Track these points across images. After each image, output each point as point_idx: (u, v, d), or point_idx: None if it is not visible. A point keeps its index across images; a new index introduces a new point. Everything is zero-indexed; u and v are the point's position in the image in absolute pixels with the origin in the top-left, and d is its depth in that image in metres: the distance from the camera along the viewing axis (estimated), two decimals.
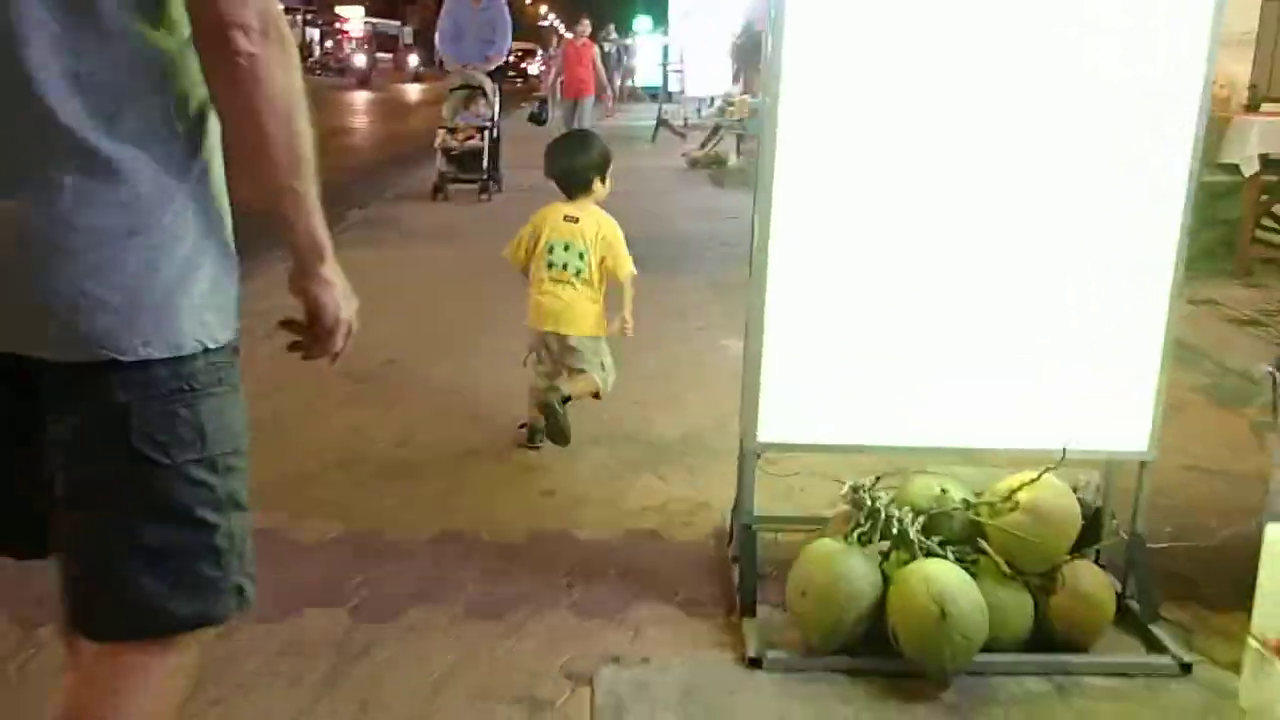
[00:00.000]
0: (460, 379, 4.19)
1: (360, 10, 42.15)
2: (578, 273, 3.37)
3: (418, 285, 5.82)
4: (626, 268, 3.43)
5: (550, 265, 3.38)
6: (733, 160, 11.36)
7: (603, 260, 3.38)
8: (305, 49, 30.80)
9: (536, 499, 3.11)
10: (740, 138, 11.04)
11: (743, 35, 14.62)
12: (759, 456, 2.47)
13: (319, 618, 2.39)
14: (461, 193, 8.87)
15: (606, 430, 3.67)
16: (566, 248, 3.38)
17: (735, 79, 14.49)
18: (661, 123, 15.57)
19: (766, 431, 2.40)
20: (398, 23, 47.62)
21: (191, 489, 1.24)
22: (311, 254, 1.33)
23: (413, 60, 37.86)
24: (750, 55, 13.73)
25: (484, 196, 8.78)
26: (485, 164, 8.78)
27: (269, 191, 1.26)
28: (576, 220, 3.40)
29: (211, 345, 1.25)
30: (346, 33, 40.42)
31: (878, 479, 2.49)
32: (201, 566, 1.27)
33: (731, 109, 11.37)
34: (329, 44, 40.64)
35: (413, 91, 23.39)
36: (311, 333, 1.38)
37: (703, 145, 11.78)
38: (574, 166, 3.45)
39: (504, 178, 9.06)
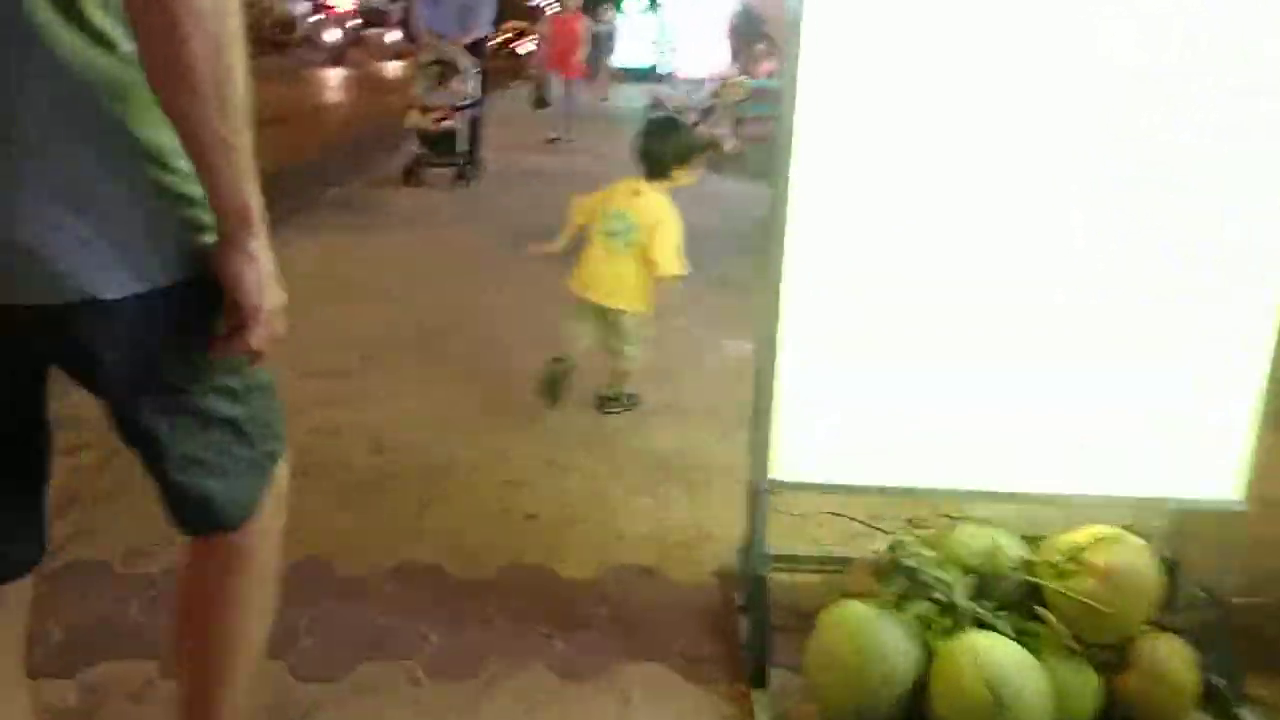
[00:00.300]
0: (440, 379, 3.81)
1: None
2: (628, 244, 3.36)
3: (395, 274, 5.41)
4: (668, 268, 3.35)
5: (608, 233, 3.39)
6: (729, 145, 10.95)
7: (646, 247, 3.34)
8: (289, 24, 30.02)
9: (517, 523, 2.74)
10: (738, 121, 10.62)
11: (739, 15, 14.17)
12: (772, 494, 2.11)
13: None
14: (437, 177, 8.21)
15: (598, 437, 3.31)
16: (621, 216, 3.38)
17: (734, 59, 14.03)
18: (653, 104, 15.14)
19: (781, 467, 2.04)
20: None
21: (219, 398, 1.31)
22: (238, 219, 1.18)
23: (390, 36, 37.00)
24: (746, 35, 13.30)
25: (461, 182, 8.11)
26: (461, 146, 8.09)
27: (190, 136, 1.11)
28: (639, 194, 3.41)
29: (201, 272, 1.22)
30: (332, 8, 39.56)
31: (910, 522, 2.15)
32: (241, 453, 1.37)
33: (727, 90, 10.94)
34: (311, 20, 39.85)
35: (391, 69, 22.75)
36: (225, 320, 1.24)
37: (704, 119, 11.34)
38: (655, 150, 3.43)
39: (486, 162, 8.47)
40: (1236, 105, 1.84)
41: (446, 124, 7.97)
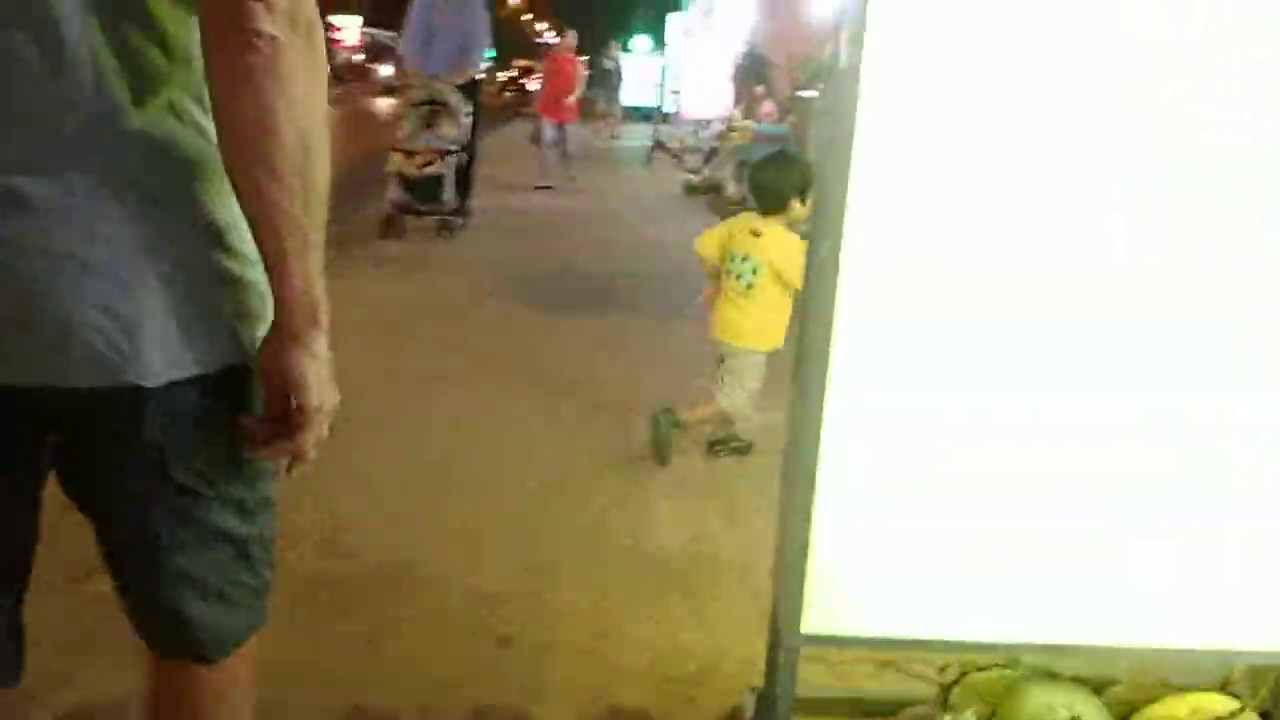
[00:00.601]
0: (409, 457, 3.41)
1: (358, 20, 41.21)
2: (749, 287, 3.35)
3: (365, 330, 4.99)
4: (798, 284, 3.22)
5: (729, 274, 3.39)
6: (731, 189, 10.63)
7: (777, 285, 3.32)
8: None
9: (488, 650, 2.33)
10: (742, 164, 10.30)
11: (745, 56, 13.93)
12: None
13: None
14: (418, 228, 7.47)
15: (592, 531, 2.91)
16: (744, 259, 3.35)
17: (737, 101, 13.76)
18: (657, 145, 14.88)
19: (813, 618, 1.64)
20: (394, 33, 46.67)
21: (227, 510, 1.18)
22: (305, 315, 1.06)
23: (384, 71, 36.58)
24: (750, 77, 13.05)
25: (445, 233, 7.42)
26: (448, 194, 7.37)
27: (267, 225, 1.02)
28: (759, 235, 3.34)
29: (239, 361, 1.10)
30: (340, 42, 39.49)
31: (963, 676, 1.75)
32: (242, 578, 1.24)
33: (734, 134, 10.62)
34: None
35: (381, 105, 22.38)
36: (279, 423, 1.10)
37: (706, 162, 11.00)
38: (770, 183, 3.37)
39: (473, 211, 7.80)
40: None
41: (431, 169, 7.31)
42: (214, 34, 0.97)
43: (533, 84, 27.41)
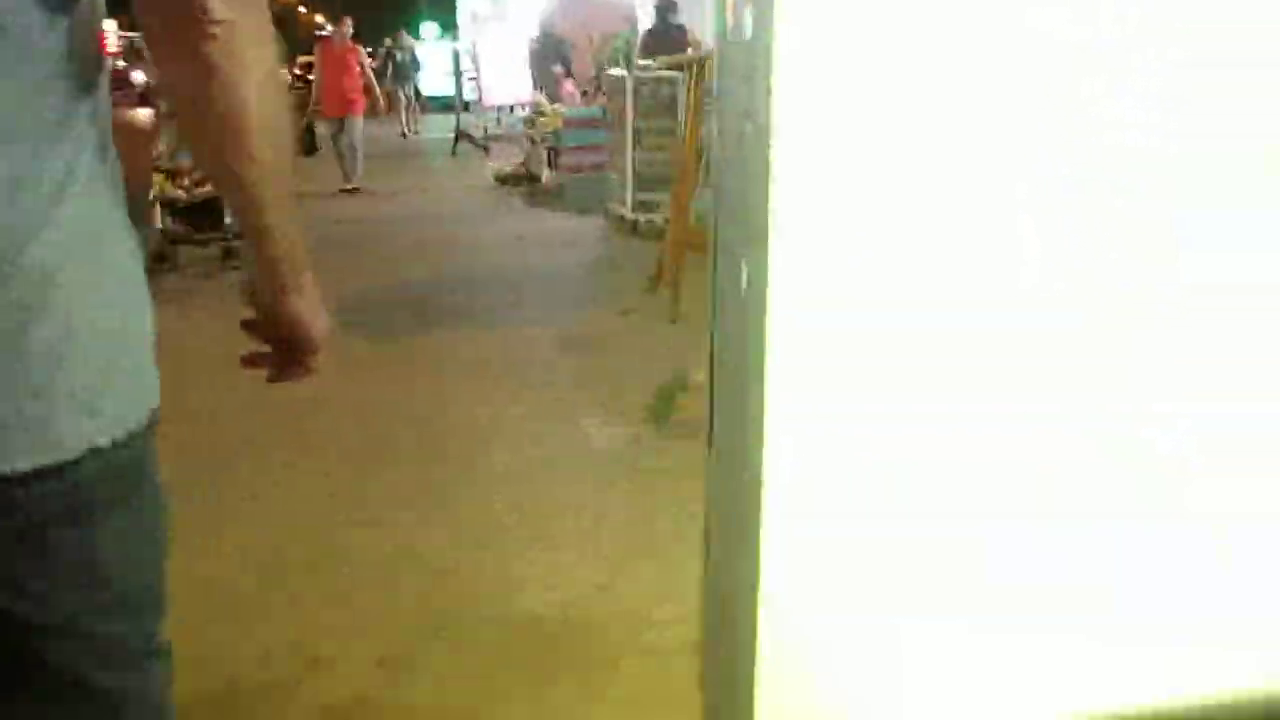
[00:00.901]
0: (228, 545, 2.89)
1: (113, 24, 38.33)
2: None
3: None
4: None
5: None
6: (546, 176, 10.23)
7: None
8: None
9: None
10: (554, 151, 9.90)
11: (541, 38, 13.51)
12: None
13: None
14: (202, 259, 6.54)
15: (451, 596, 2.50)
16: None
17: (536, 86, 13.34)
18: (461, 135, 14.30)
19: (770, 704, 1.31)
20: None
21: (88, 648, 0.94)
22: (293, 266, 1.09)
23: (138, 76, 34.17)
24: (548, 59, 12.66)
25: (231, 263, 6.41)
26: (231, 218, 5.86)
27: (248, 204, 1.01)
28: None
29: (106, 443, 0.89)
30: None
31: None
32: None
33: (543, 120, 10.20)
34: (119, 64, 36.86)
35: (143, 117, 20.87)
36: (283, 350, 1.17)
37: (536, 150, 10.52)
38: None
39: None
40: None
41: (205, 189, 6.24)
42: (165, 29, 0.92)
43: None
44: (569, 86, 11.67)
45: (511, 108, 15.84)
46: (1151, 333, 1.29)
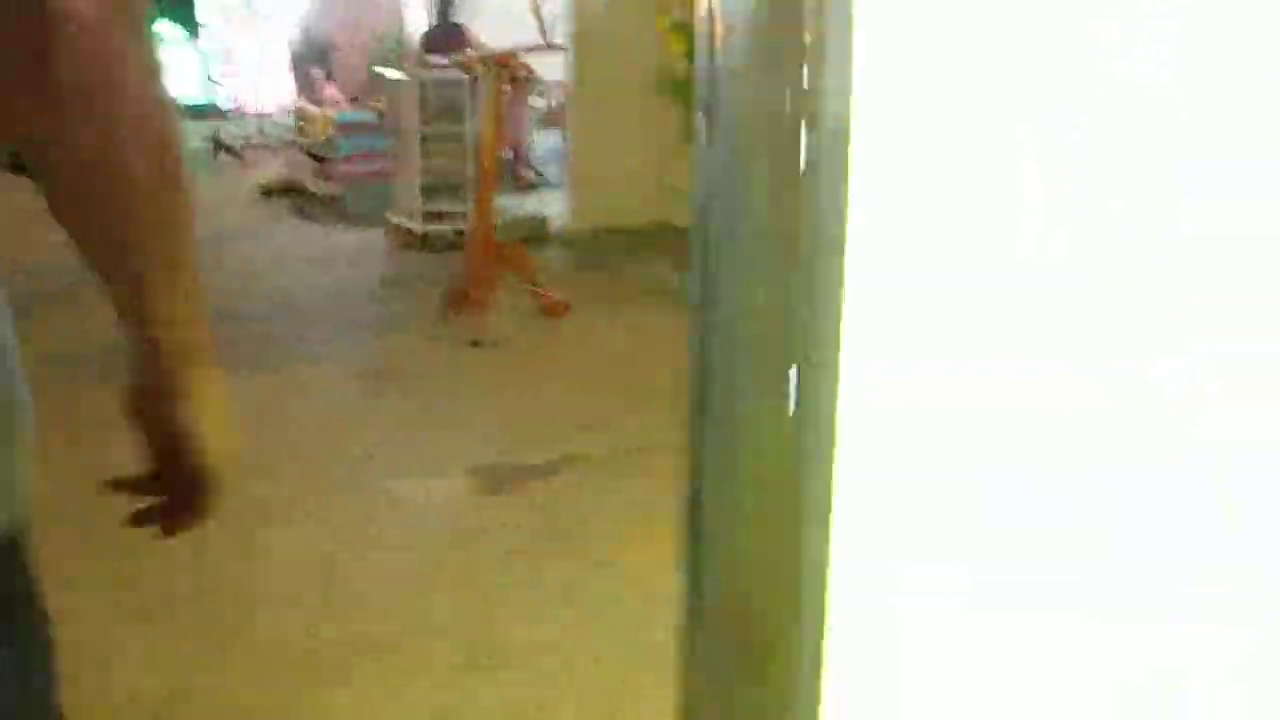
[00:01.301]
0: None
1: None
2: None
3: None
4: None
5: None
6: (312, 186, 9.44)
7: None
8: None
9: None
10: (322, 160, 9.14)
11: (299, 41, 12.61)
12: None
13: None
14: None
15: None
16: None
17: (299, 89, 12.45)
18: (219, 145, 13.19)
19: None
20: None
21: None
22: (188, 351, 0.87)
23: None
24: (308, 60, 11.83)
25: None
26: None
27: (120, 245, 0.81)
28: None
29: None
30: None
31: None
32: None
33: (313, 126, 9.42)
34: None
35: None
36: (180, 486, 0.92)
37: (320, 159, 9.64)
38: None
39: None
40: None
41: None
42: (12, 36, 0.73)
43: None
44: (330, 90, 10.92)
45: (272, 115, 14.86)
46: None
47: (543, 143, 8.74)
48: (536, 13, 6.15)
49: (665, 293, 5.35)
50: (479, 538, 2.79)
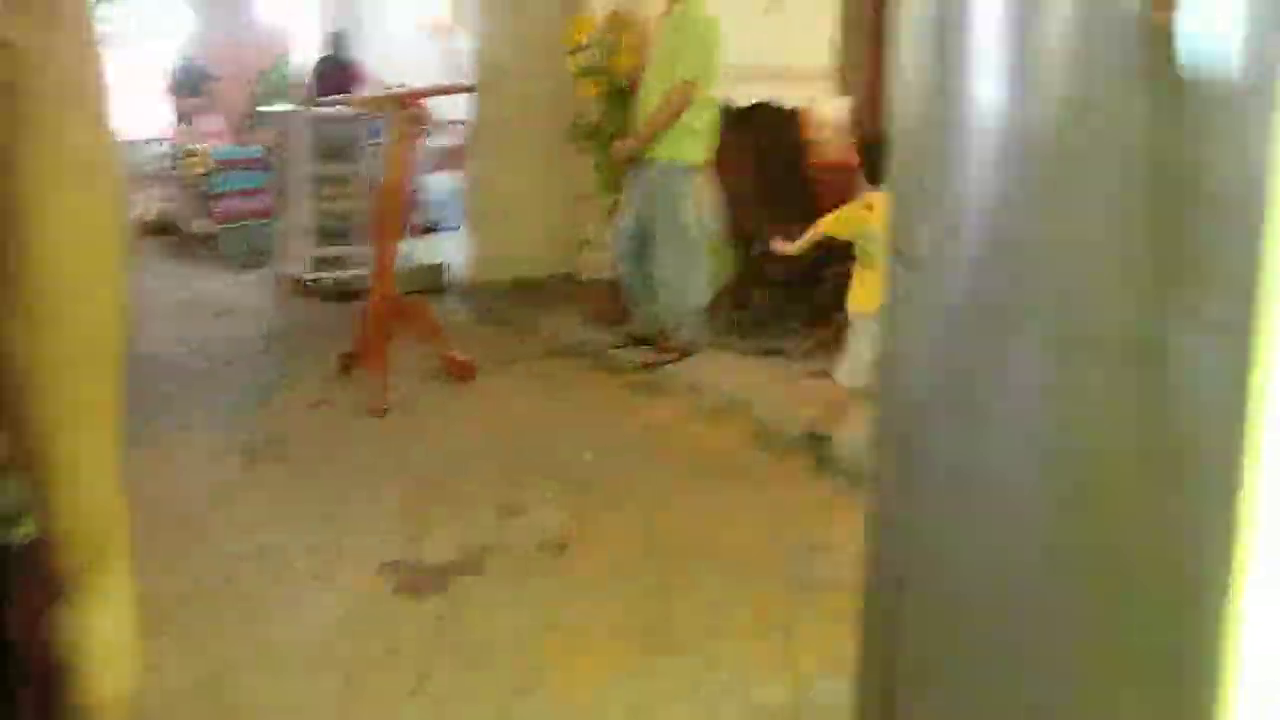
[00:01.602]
0: None
1: None
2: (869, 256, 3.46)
3: None
4: None
5: (866, 252, 3.48)
6: (196, 224, 8.84)
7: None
8: None
9: None
10: (207, 196, 8.54)
11: (180, 70, 11.92)
12: None
13: None
14: None
15: None
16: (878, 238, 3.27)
17: (179, 120, 11.76)
18: None
19: None
20: None
21: None
22: (83, 549, 0.71)
23: None
24: (188, 91, 11.18)
25: None
26: None
27: (36, 401, 0.65)
28: (871, 208, 3.44)
29: None
30: None
31: None
32: None
33: (193, 159, 8.82)
34: None
35: None
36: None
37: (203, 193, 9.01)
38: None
39: None
40: None
41: None
42: None
43: None
44: (210, 124, 10.34)
45: (147, 143, 14.03)
46: None
47: (437, 185, 8.33)
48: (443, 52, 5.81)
49: (577, 353, 5.02)
50: (381, 663, 2.41)
